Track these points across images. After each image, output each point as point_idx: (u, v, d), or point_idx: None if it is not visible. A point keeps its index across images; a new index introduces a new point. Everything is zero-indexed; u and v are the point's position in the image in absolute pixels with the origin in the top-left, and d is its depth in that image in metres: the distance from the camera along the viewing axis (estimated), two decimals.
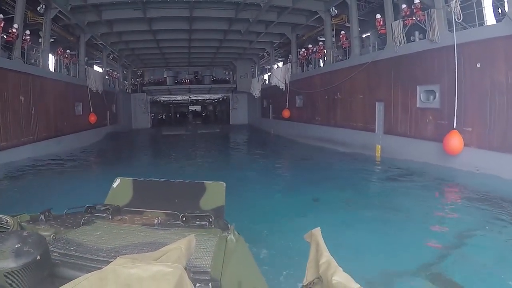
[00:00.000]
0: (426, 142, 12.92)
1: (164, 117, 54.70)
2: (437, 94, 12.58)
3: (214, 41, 28.77)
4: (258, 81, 32.37)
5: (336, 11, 19.57)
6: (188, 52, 32.53)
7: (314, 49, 22.54)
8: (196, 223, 2.58)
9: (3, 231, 1.88)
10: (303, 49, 24.13)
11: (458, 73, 11.44)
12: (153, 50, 31.35)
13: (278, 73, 26.74)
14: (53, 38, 20.98)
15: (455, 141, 11.29)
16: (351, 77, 17.12)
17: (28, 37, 16.29)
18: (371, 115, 15.87)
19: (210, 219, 2.56)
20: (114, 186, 3.22)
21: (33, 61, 16.98)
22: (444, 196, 9.44)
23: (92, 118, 23.04)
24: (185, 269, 1.26)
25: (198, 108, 62.13)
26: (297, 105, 23.90)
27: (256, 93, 31.97)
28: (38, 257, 1.44)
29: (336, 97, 18.80)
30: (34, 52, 17.13)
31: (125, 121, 33.74)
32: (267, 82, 31.98)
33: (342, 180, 11.23)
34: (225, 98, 43.69)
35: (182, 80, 42.25)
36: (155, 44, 28.33)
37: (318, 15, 20.93)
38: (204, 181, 3.21)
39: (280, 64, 34.33)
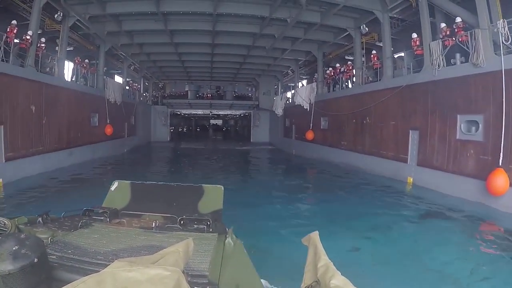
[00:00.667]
0: (464, 178, 11.42)
1: (184, 130, 54.67)
2: (480, 126, 11.10)
3: (237, 56, 28.11)
4: (281, 99, 31.27)
5: (366, 29, 18.38)
6: (211, 66, 32.09)
7: (342, 69, 21.27)
8: (194, 226, 2.62)
9: (1, 234, 1.91)
10: (330, 68, 22.93)
11: (506, 102, 10.02)
12: (175, 63, 31.03)
13: (303, 92, 25.55)
14: (73, 47, 20.74)
15: (500, 180, 9.83)
16: (382, 101, 15.74)
17: (43, 45, 15.79)
18: (404, 144, 14.42)
19: (208, 223, 2.61)
20: (112, 189, 3.22)
21: (48, 69, 16.42)
22: (485, 248, 7.88)
23: (109, 130, 22.34)
24: (183, 272, 1.29)
25: (219, 122, 62.13)
26: (321, 127, 22.57)
27: (279, 111, 30.93)
28: (36, 260, 1.45)
29: (365, 122, 17.45)
30: (49, 61, 16.61)
31: (143, 133, 33.25)
32: (290, 101, 30.82)
33: (372, 218, 9.76)
34: (246, 114, 43.02)
35: (203, 94, 42.10)
36: (177, 57, 27.92)
37: (347, 33, 19.77)
38: (202, 185, 3.23)
39: (304, 82, 33.30)
